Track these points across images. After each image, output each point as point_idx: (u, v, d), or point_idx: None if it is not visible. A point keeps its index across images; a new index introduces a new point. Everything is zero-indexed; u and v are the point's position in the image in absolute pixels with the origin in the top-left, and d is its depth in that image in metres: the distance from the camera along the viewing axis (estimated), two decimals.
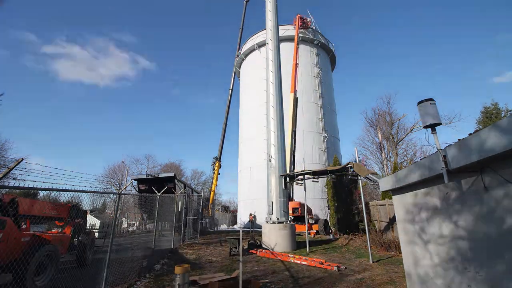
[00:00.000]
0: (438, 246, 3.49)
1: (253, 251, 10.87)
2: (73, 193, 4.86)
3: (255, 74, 32.94)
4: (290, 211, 15.16)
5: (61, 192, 4.54)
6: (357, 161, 11.82)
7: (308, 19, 32.73)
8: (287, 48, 31.08)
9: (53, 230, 15.02)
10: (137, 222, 30.65)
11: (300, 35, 33.17)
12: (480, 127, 21.92)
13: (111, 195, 32.60)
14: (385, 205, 13.15)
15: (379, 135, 22.10)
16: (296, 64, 24.21)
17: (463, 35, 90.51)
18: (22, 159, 3.86)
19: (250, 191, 29.02)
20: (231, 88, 35.03)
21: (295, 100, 21.81)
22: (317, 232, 17.83)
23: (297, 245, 11.96)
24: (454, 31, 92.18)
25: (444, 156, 3.02)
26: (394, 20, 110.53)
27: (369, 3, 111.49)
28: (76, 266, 7.12)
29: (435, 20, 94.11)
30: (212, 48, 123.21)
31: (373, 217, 14.33)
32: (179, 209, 12.70)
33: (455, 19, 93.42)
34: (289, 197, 14.67)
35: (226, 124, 34.87)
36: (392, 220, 12.25)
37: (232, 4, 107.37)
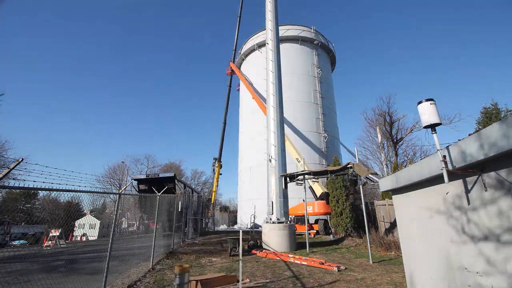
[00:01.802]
0: (439, 246, 3.49)
1: (253, 251, 10.87)
2: (73, 193, 4.86)
3: (255, 74, 32.97)
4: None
5: (61, 192, 4.54)
6: (357, 161, 11.81)
7: None
8: (287, 48, 31.13)
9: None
10: (137, 222, 30.66)
11: (301, 34, 33.26)
12: (480, 127, 21.90)
13: (111, 195, 32.58)
14: (385, 205, 13.15)
15: (379, 135, 22.07)
16: None
17: (463, 34, 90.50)
18: (22, 159, 3.84)
19: (250, 191, 29.02)
20: (229, 84, 35.03)
21: None
22: (317, 233, 17.81)
23: (298, 245, 11.96)
24: (454, 31, 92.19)
25: (444, 156, 3.03)
26: (394, 19, 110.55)
27: (370, 3, 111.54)
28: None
29: (436, 20, 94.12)
30: (213, 44, 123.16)
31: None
32: (179, 209, 12.70)
33: (455, 19, 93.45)
34: None
35: (225, 123, 34.80)
36: (393, 220, 12.25)
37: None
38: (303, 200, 13.40)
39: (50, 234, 14.96)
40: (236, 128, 36.79)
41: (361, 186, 10.91)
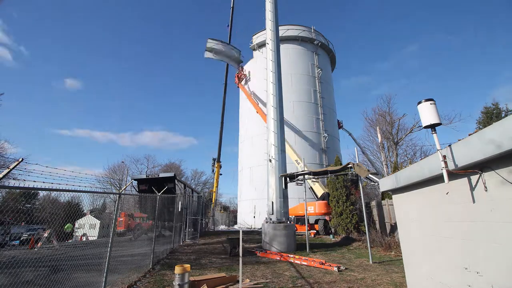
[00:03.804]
0: (439, 246, 3.49)
1: (253, 251, 10.87)
2: (73, 193, 4.87)
3: (255, 74, 32.98)
4: None
5: (61, 192, 4.54)
6: (357, 162, 11.80)
7: None
8: (287, 48, 31.14)
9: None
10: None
11: (301, 34, 33.27)
12: (481, 127, 21.90)
13: (111, 195, 32.59)
14: (385, 205, 13.15)
15: (379, 135, 22.08)
16: None
17: (463, 33, 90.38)
18: (22, 159, 3.85)
19: (250, 191, 29.02)
20: (224, 82, 34.87)
21: None
22: (317, 233, 17.81)
23: (298, 245, 11.96)
24: (454, 30, 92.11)
25: (444, 156, 3.02)
26: (394, 19, 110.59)
27: (370, 3, 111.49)
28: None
29: (435, 19, 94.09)
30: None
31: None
32: (179, 209, 12.70)
33: (455, 18, 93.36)
34: None
35: (222, 122, 34.63)
36: (393, 221, 12.24)
37: None
38: (304, 200, 13.40)
39: (44, 235, 14.69)
40: (236, 128, 36.79)
41: (361, 186, 10.91)
